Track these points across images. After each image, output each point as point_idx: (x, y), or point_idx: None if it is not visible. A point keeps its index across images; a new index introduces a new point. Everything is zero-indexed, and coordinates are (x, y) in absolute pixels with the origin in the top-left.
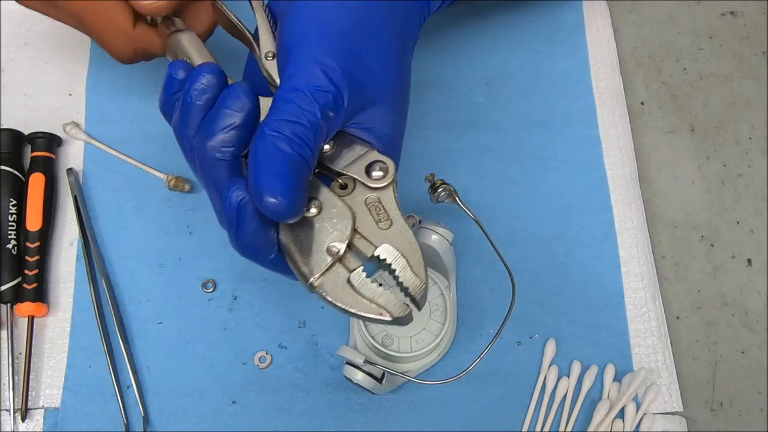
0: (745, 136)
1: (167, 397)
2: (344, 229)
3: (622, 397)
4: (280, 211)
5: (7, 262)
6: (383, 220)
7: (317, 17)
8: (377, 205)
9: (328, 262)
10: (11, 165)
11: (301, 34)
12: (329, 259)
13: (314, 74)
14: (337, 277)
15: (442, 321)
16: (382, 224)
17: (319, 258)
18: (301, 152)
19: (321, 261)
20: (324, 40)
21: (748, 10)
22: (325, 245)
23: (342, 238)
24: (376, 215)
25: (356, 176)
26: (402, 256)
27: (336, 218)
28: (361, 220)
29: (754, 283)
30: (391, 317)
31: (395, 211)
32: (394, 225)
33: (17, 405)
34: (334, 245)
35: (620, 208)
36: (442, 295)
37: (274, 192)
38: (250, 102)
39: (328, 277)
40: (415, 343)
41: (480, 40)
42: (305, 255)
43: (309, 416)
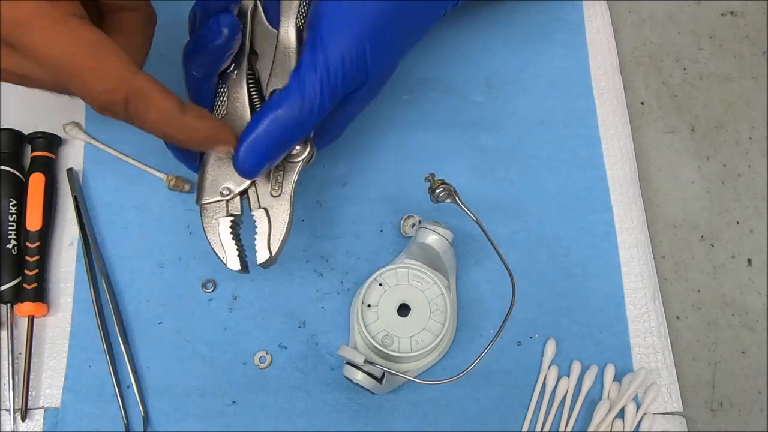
0: (745, 136)
1: (167, 397)
2: (243, 180)
3: (622, 397)
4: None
5: (7, 262)
6: (277, 188)
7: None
8: (280, 174)
9: (217, 198)
10: (11, 165)
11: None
12: (218, 196)
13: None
14: (216, 211)
15: (442, 321)
16: (274, 191)
17: (213, 190)
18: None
19: (213, 193)
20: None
21: (748, 10)
22: (222, 184)
23: (237, 186)
24: (275, 182)
25: None
26: (268, 227)
27: None
28: (262, 180)
29: (754, 283)
30: (224, 263)
31: (289, 186)
32: (281, 196)
33: (17, 405)
34: (228, 187)
35: (620, 208)
36: (442, 295)
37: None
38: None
39: (211, 208)
40: (415, 343)
41: (480, 40)
42: (208, 182)
43: (309, 416)
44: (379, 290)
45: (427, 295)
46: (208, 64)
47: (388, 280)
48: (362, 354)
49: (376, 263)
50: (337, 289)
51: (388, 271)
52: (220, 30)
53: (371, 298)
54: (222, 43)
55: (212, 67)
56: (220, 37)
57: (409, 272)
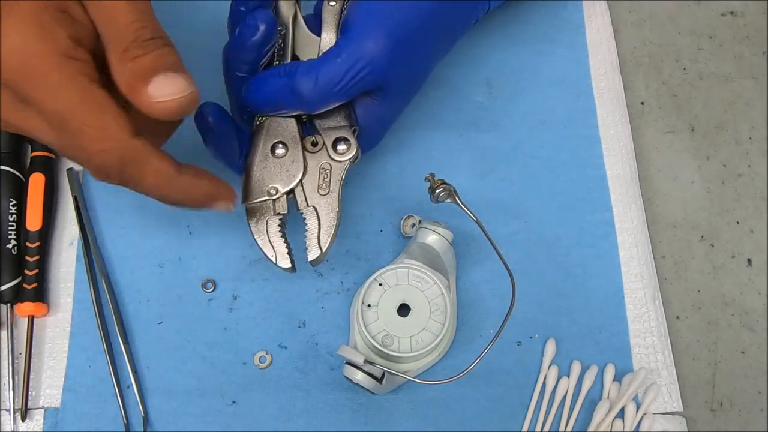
0: (745, 136)
1: (167, 397)
2: (291, 179)
3: (622, 397)
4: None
5: (7, 262)
6: (325, 186)
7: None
8: (327, 173)
9: (264, 198)
10: (11, 165)
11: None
12: (265, 196)
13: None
14: (263, 211)
15: (442, 321)
16: (321, 190)
17: (259, 190)
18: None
19: (259, 193)
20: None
21: (748, 10)
22: (269, 183)
23: (284, 185)
24: (322, 180)
25: (326, 142)
26: (318, 225)
27: (291, 168)
28: (309, 178)
29: (754, 283)
30: (274, 261)
31: (337, 185)
32: (330, 194)
33: (17, 405)
34: (275, 187)
35: (620, 208)
36: (442, 295)
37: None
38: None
39: (257, 208)
40: (415, 343)
41: (480, 40)
42: (254, 181)
43: (309, 416)
44: (379, 290)
45: (427, 295)
46: (250, 62)
47: (388, 280)
48: (362, 354)
49: (376, 263)
50: (337, 289)
51: (388, 271)
52: (257, 25)
53: (371, 298)
54: (260, 39)
55: (254, 64)
56: (257, 33)
57: (409, 272)
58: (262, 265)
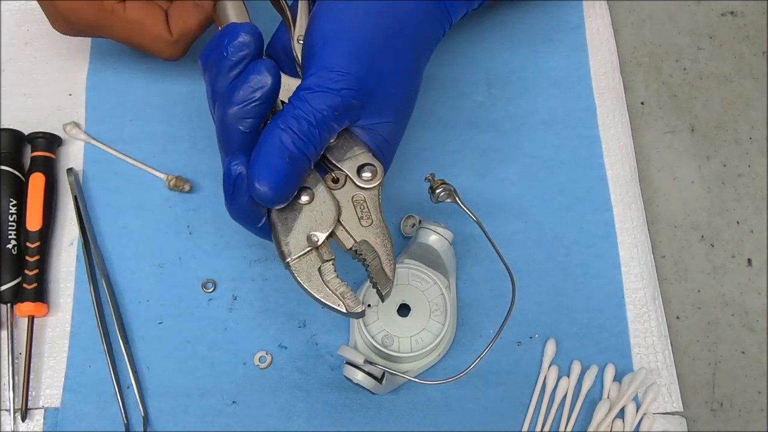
0: (745, 136)
1: (167, 397)
2: (328, 221)
3: (622, 397)
4: (266, 199)
5: (7, 262)
6: (365, 218)
7: (344, 23)
8: (362, 203)
9: (306, 248)
10: (11, 165)
11: (326, 36)
12: (308, 245)
13: (330, 77)
14: (311, 263)
15: (442, 321)
16: (363, 221)
17: (299, 242)
18: (303, 149)
19: (300, 245)
20: (345, 46)
21: (748, 10)
22: (307, 232)
23: (324, 229)
24: (360, 212)
25: (348, 173)
26: (376, 254)
27: (323, 209)
28: (345, 214)
29: (754, 283)
30: (346, 310)
31: (377, 212)
32: (374, 224)
33: (17, 405)
34: (315, 234)
35: (620, 208)
36: (442, 295)
37: (263, 182)
38: (272, 79)
39: (303, 261)
40: (415, 343)
41: (480, 40)
42: (289, 236)
43: (309, 416)
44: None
45: (427, 295)
46: (259, 115)
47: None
48: (362, 354)
49: None
50: None
51: None
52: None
53: (371, 298)
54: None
55: (263, 117)
56: (269, 85)
57: (409, 272)
58: (262, 265)
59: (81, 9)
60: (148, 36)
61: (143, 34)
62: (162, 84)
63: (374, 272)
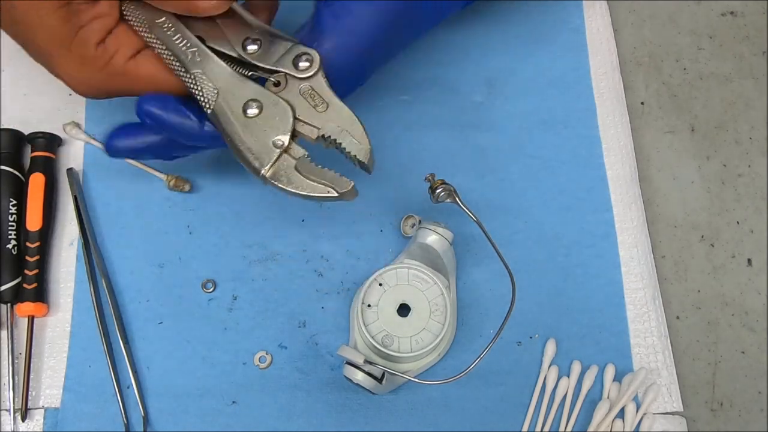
0: (745, 136)
1: (167, 397)
2: (286, 122)
3: (622, 397)
4: None
5: (7, 262)
6: (320, 104)
7: None
8: (311, 92)
9: (276, 153)
10: (11, 165)
11: None
12: (276, 151)
13: None
14: (286, 165)
15: (442, 321)
16: (319, 108)
17: (266, 152)
18: None
19: (269, 154)
20: None
21: (748, 10)
22: (270, 140)
23: (285, 131)
24: (312, 101)
25: (286, 70)
26: (345, 130)
27: (276, 113)
28: (300, 109)
29: (754, 283)
30: (337, 193)
31: (329, 94)
32: (331, 106)
33: (17, 405)
34: (279, 138)
35: (620, 208)
36: (442, 295)
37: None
38: None
39: (278, 167)
40: (415, 343)
41: (480, 40)
42: (254, 150)
43: (309, 416)
44: (379, 290)
45: (427, 295)
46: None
47: (388, 280)
48: (362, 354)
49: (376, 263)
50: (337, 289)
51: (388, 271)
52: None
53: (371, 298)
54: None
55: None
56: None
57: (409, 272)
58: (262, 265)
59: (89, 79)
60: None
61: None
62: None
63: (350, 147)
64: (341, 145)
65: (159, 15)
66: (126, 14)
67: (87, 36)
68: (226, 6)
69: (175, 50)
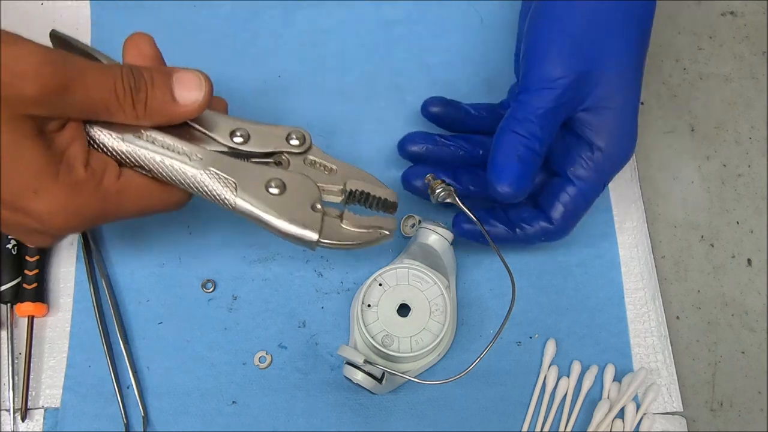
0: (745, 136)
1: (167, 397)
2: (312, 189)
3: (622, 397)
4: (507, 197)
5: (7, 262)
6: (327, 169)
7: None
8: (314, 161)
9: (320, 217)
10: None
11: (538, 38)
12: (319, 215)
13: (544, 75)
14: (332, 225)
15: (442, 321)
16: (329, 172)
17: (311, 219)
18: (530, 146)
19: (314, 220)
20: (557, 45)
21: (748, 10)
22: (307, 209)
23: (316, 197)
24: (320, 168)
25: (285, 149)
26: (367, 183)
27: (301, 185)
28: (315, 177)
29: (754, 283)
30: (389, 231)
31: (331, 159)
32: (339, 168)
33: (17, 405)
34: (316, 204)
35: (620, 208)
36: (442, 295)
37: (503, 183)
38: None
39: (326, 229)
40: (415, 343)
41: (480, 40)
42: (300, 224)
43: (309, 416)
44: (379, 290)
45: (427, 295)
46: None
47: (388, 280)
48: (362, 354)
49: (376, 263)
50: (337, 289)
51: (388, 271)
52: None
53: (371, 298)
54: None
55: None
56: None
57: (409, 272)
58: (262, 265)
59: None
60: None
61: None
62: None
63: (377, 193)
64: (370, 195)
65: (135, 131)
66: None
67: (72, 160)
68: (204, 106)
69: (167, 161)
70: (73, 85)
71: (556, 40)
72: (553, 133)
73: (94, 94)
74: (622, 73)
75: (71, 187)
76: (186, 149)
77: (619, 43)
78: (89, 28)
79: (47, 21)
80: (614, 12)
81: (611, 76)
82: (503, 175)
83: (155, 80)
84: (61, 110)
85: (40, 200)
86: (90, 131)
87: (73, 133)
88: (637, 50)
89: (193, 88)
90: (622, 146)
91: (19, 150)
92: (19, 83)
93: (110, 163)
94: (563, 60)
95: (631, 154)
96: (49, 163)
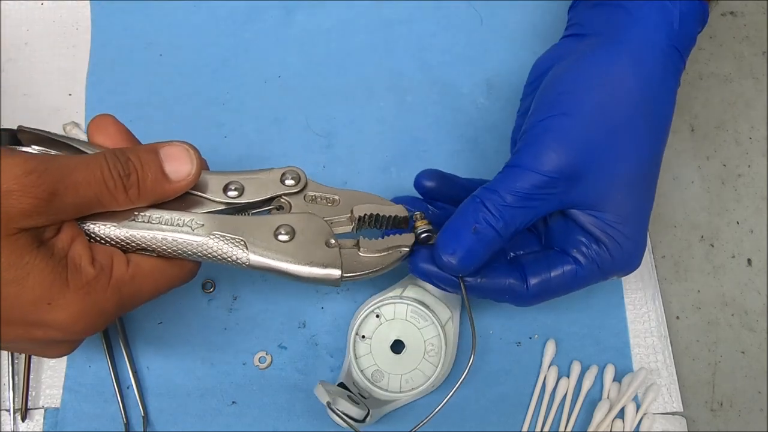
0: (745, 136)
1: (167, 397)
2: (323, 226)
3: (622, 397)
4: (451, 268)
5: None
6: (330, 200)
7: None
8: (314, 196)
9: (337, 252)
10: None
11: (536, 121)
12: (336, 250)
13: (536, 159)
14: (351, 256)
15: (435, 363)
16: (333, 203)
17: (329, 257)
18: (492, 223)
19: (333, 257)
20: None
21: (748, 10)
22: (322, 247)
23: (328, 233)
24: (324, 201)
25: (282, 192)
26: (369, 204)
27: (309, 225)
28: (320, 212)
29: (754, 283)
30: (408, 247)
31: (330, 189)
32: (341, 196)
33: (17, 405)
34: (330, 240)
35: None
36: (439, 335)
37: (446, 251)
38: None
39: (347, 264)
40: (405, 382)
41: (480, 41)
42: (319, 263)
43: (309, 416)
44: (375, 322)
45: (423, 334)
46: None
47: (386, 313)
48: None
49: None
50: (337, 290)
51: (387, 304)
52: None
53: (366, 329)
54: None
55: None
56: None
57: (408, 308)
58: None
59: (97, 305)
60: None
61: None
62: (162, 85)
63: (388, 213)
64: (379, 216)
65: (129, 215)
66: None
67: (77, 260)
68: (198, 177)
69: (170, 237)
70: (61, 188)
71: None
72: (525, 221)
73: (84, 192)
74: (630, 178)
75: (84, 288)
76: (186, 219)
77: (626, 146)
78: (89, 28)
79: (47, 21)
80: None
81: (613, 178)
82: (451, 243)
83: (143, 160)
84: (54, 216)
85: (58, 310)
86: (85, 226)
87: (70, 233)
88: (648, 154)
89: (183, 161)
90: (626, 250)
91: (24, 267)
92: (6, 201)
93: (116, 253)
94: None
95: (637, 264)
96: (57, 270)
